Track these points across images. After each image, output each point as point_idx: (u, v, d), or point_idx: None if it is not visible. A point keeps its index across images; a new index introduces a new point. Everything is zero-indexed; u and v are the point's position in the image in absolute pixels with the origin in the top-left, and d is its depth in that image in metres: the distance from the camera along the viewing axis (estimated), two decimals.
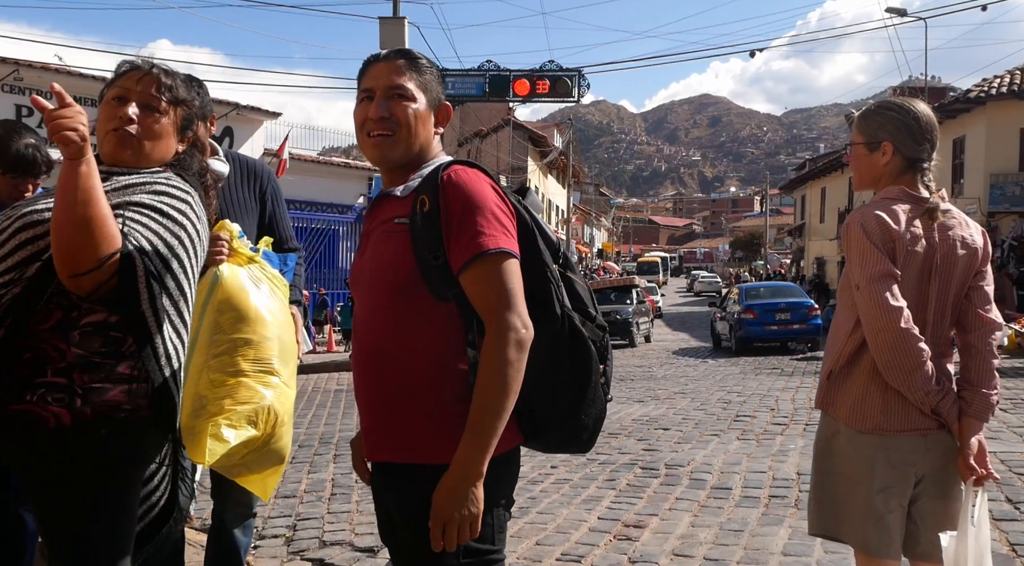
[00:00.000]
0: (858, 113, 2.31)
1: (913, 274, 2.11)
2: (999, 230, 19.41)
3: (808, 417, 7.77)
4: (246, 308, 2.18)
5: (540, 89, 16.50)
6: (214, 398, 2.07)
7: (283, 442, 2.19)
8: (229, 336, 2.13)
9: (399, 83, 1.69)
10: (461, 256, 1.56)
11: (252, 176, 2.80)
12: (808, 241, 38.32)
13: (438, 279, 1.58)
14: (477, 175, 1.65)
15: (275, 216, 2.90)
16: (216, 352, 2.12)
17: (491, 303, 1.55)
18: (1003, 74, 21.30)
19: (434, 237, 1.58)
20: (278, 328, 2.21)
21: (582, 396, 1.67)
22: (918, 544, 2.16)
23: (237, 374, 2.11)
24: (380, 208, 1.74)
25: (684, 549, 3.95)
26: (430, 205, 1.59)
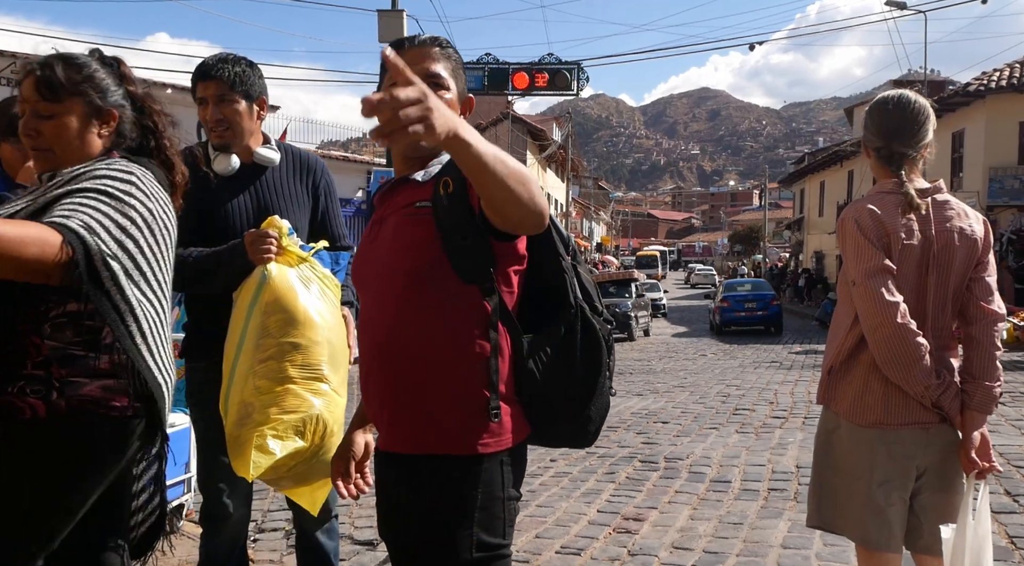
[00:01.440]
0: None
1: (911, 267, 2.10)
2: (998, 223, 19.39)
3: (807, 410, 7.77)
4: (295, 310, 2.07)
5: (539, 82, 16.46)
6: (260, 406, 1.99)
7: (332, 455, 2.07)
8: (276, 340, 2.04)
9: (435, 71, 1.65)
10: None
11: (305, 169, 2.66)
12: (807, 235, 38.31)
13: (466, 261, 1.54)
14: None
15: (328, 212, 2.72)
16: (262, 357, 2.03)
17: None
18: (1002, 67, 21.26)
19: (461, 216, 1.53)
20: (328, 331, 2.09)
21: (592, 387, 1.65)
22: (920, 537, 2.16)
23: (284, 381, 2.02)
24: (396, 194, 1.68)
25: (683, 542, 3.95)
26: (455, 186, 1.54)
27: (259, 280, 2.09)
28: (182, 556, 3.62)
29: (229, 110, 2.40)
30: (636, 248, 79.75)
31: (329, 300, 2.18)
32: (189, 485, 4.01)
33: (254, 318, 2.05)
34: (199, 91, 2.41)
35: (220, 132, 2.41)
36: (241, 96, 2.42)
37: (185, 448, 3.94)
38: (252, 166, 2.51)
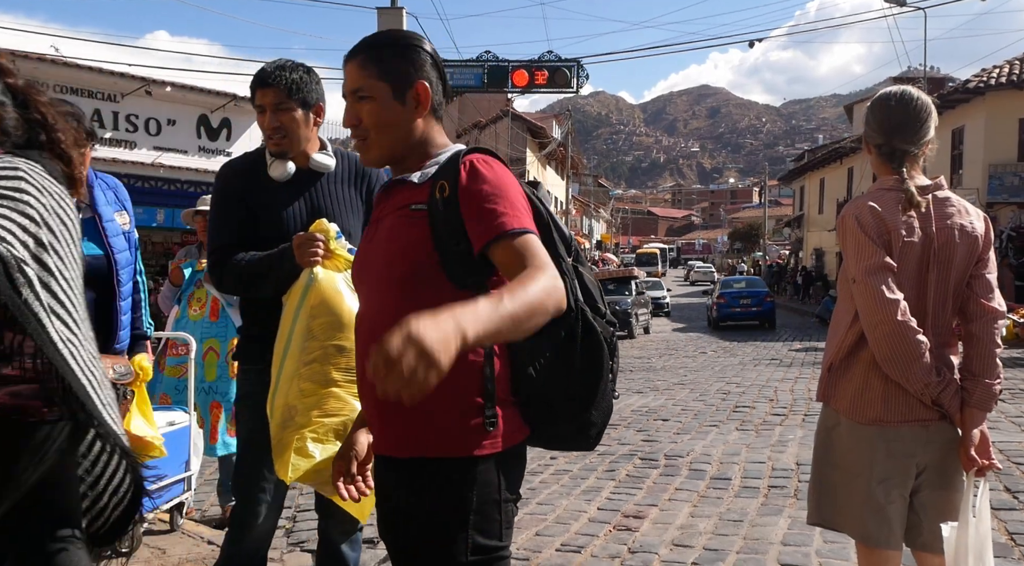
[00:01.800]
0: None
1: (911, 264, 2.10)
2: (998, 220, 19.37)
3: (807, 408, 7.77)
4: (340, 313, 2.05)
5: (538, 80, 16.45)
6: (303, 409, 1.97)
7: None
8: (321, 342, 2.03)
9: (357, 85, 1.64)
10: (484, 235, 1.52)
11: (360, 175, 2.64)
12: (807, 232, 38.30)
13: (459, 265, 1.54)
14: (497, 163, 1.63)
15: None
16: (307, 359, 2.02)
17: (531, 262, 1.48)
18: (1002, 64, 21.23)
19: (455, 222, 1.54)
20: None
21: (594, 391, 1.62)
22: (920, 534, 2.16)
23: (328, 384, 2.00)
24: (392, 195, 1.68)
25: (684, 539, 3.96)
26: (450, 191, 1.55)
27: (305, 283, 2.10)
28: (182, 554, 3.62)
29: (286, 118, 2.42)
30: (636, 246, 79.70)
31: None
32: (189, 483, 4.01)
33: (300, 321, 2.05)
34: (257, 98, 2.43)
35: (277, 139, 2.43)
36: (298, 104, 2.43)
37: (185, 446, 3.94)
38: (308, 172, 2.51)
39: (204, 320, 4.35)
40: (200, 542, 3.78)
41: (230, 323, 4.35)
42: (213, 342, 4.34)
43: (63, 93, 16.22)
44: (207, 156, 17.47)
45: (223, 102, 17.67)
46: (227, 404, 4.33)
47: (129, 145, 17.04)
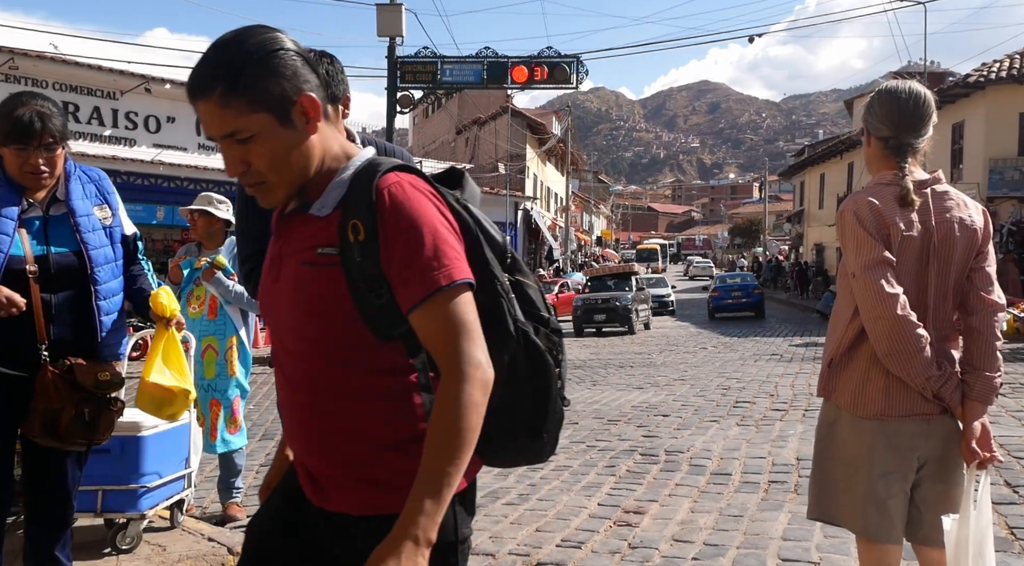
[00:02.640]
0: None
1: (911, 258, 2.09)
2: (998, 215, 19.36)
3: (807, 403, 7.77)
4: None
5: (538, 76, 16.44)
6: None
7: None
8: None
9: (230, 129, 1.34)
10: (412, 294, 1.33)
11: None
12: (807, 227, 38.28)
13: (381, 318, 1.36)
14: (415, 187, 1.38)
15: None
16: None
17: (449, 342, 1.32)
18: (1002, 59, 21.19)
19: (374, 271, 1.34)
20: None
21: (544, 414, 1.49)
22: (920, 528, 2.16)
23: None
24: (292, 228, 1.45)
25: (684, 535, 3.96)
26: (365, 233, 1.34)
27: None
28: (182, 551, 3.62)
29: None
30: (636, 241, 79.75)
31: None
32: (189, 480, 4.00)
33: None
34: None
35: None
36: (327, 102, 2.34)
37: (185, 443, 3.94)
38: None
39: (203, 318, 4.35)
40: (200, 539, 3.78)
41: (229, 321, 4.35)
42: (212, 340, 4.34)
43: (63, 91, 16.22)
44: (207, 153, 17.45)
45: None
46: (226, 402, 4.34)
47: (129, 142, 17.03)
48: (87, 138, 16.73)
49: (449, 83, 17.31)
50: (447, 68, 16.86)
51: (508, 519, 4.35)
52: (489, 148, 37.71)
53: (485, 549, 3.84)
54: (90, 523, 3.73)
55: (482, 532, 4.11)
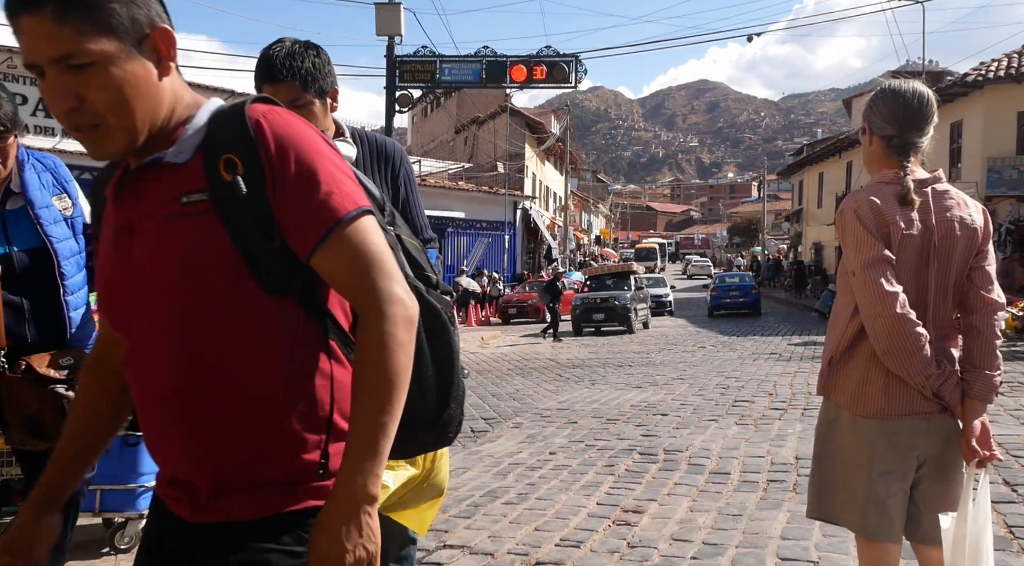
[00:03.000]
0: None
1: (911, 257, 2.09)
2: (996, 214, 19.37)
3: (806, 402, 7.78)
4: None
5: (537, 75, 16.43)
6: None
7: (442, 475, 1.91)
8: None
9: (62, 51, 1.09)
10: (313, 230, 1.16)
11: (383, 158, 2.36)
12: (806, 226, 38.29)
13: (274, 267, 1.17)
14: (291, 113, 1.24)
15: (408, 203, 2.41)
16: None
17: (362, 280, 1.17)
18: (1000, 58, 21.21)
19: (263, 208, 1.15)
20: None
21: (450, 382, 1.38)
22: (920, 527, 2.16)
23: None
24: (142, 187, 1.20)
25: (683, 534, 3.96)
26: (246, 167, 1.15)
27: None
28: None
29: (304, 115, 2.05)
30: (635, 241, 79.80)
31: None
32: None
33: None
34: (266, 94, 2.20)
35: None
36: (315, 95, 2.13)
37: None
38: None
39: None
40: None
41: None
42: None
43: None
44: None
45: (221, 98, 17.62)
46: None
47: None
48: None
49: (448, 82, 17.30)
50: (446, 67, 16.85)
51: (507, 518, 4.35)
52: (488, 147, 37.69)
53: (484, 548, 3.84)
54: (89, 522, 3.73)
55: (481, 531, 4.11)
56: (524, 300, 24.89)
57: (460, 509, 4.57)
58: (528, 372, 12.11)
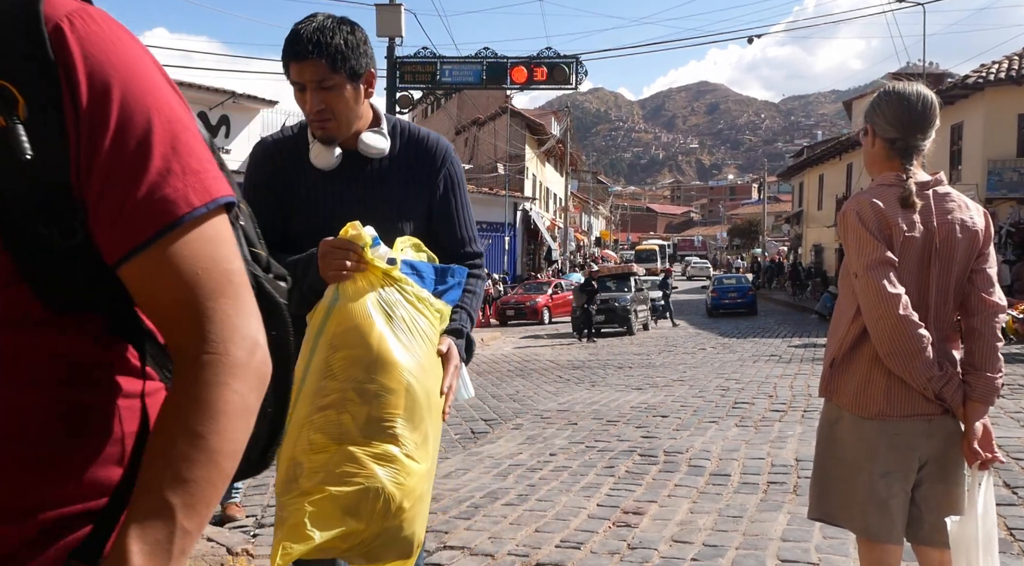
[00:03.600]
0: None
1: (913, 259, 2.10)
2: (997, 216, 19.38)
3: (806, 404, 7.77)
4: (368, 346, 1.59)
5: (537, 76, 16.45)
6: (309, 470, 1.53)
7: (410, 531, 1.60)
8: (340, 383, 1.58)
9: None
10: (133, 227, 0.76)
11: (424, 155, 2.09)
12: (806, 228, 38.30)
13: (65, 273, 0.78)
14: (118, 24, 0.81)
15: (449, 209, 2.12)
16: (322, 403, 1.58)
17: (200, 307, 0.78)
18: (1001, 60, 21.22)
19: (56, 180, 0.74)
20: (413, 376, 1.62)
21: (281, 420, 0.99)
22: (921, 528, 2.16)
23: (343, 438, 1.55)
24: None
25: (683, 535, 3.95)
26: (29, 106, 0.72)
27: (329, 304, 1.65)
28: None
29: (332, 98, 1.89)
30: (635, 242, 79.89)
31: (421, 334, 1.68)
32: None
33: (318, 353, 1.61)
34: (292, 74, 1.89)
35: (322, 123, 1.93)
36: (346, 76, 1.89)
37: None
38: (357, 155, 2.01)
39: None
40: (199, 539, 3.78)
41: None
42: None
43: None
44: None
45: (221, 99, 17.67)
46: None
47: None
48: None
49: (448, 83, 17.32)
50: (446, 68, 16.87)
51: (507, 519, 4.34)
52: (488, 148, 37.70)
53: (484, 549, 3.84)
54: None
55: (481, 532, 4.11)
56: (522, 302, 24.87)
57: (460, 510, 4.57)
58: (528, 373, 12.11)
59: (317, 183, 2.01)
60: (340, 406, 1.57)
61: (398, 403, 1.59)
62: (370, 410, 1.57)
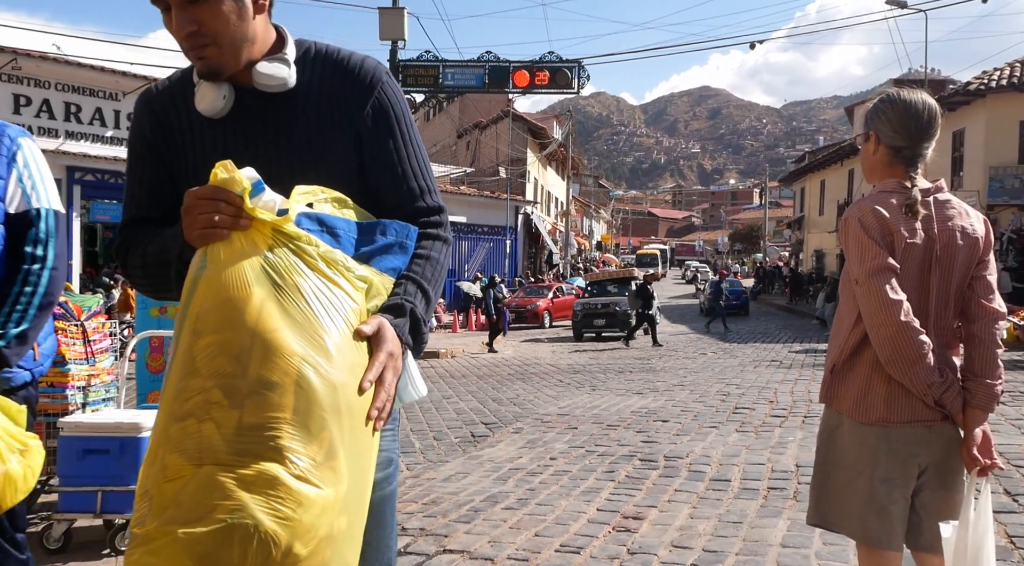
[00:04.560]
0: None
1: (913, 266, 2.10)
2: (998, 223, 19.38)
3: (807, 409, 7.77)
4: (238, 327, 1.16)
5: (539, 80, 16.49)
6: (158, 506, 1.11)
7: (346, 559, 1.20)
8: (202, 381, 1.15)
9: None
10: None
11: (345, 84, 1.54)
12: (807, 234, 38.28)
13: None
14: None
15: (387, 153, 1.56)
16: (181, 411, 1.15)
17: None
18: (1003, 66, 21.23)
19: None
20: (310, 365, 1.17)
21: None
22: (921, 535, 2.16)
23: (203, 457, 1.11)
24: None
25: (683, 540, 3.95)
26: None
27: (194, 275, 1.23)
28: None
29: (204, 13, 1.40)
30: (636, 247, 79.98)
31: (329, 309, 1.23)
32: None
33: (180, 343, 1.20)
34: None
35: (198, 51, 1.43)
36: None
37: None
38: (255, 93, 1.50)
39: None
40: None
41: None
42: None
43: (65, 91, 16.29)
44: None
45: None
46: None
47: None
48: (89, 139, 16.77)
49: (451, 87, 17.36)
50: (449, 72, 16.90)
51: (507, 524, 4.34)
52: (490, 152, 37.72)
53: (484, 554, 3.84)
54: (90, 524, 3.73)
55: (481, 536, 4.11)
56: (523, 305, 24.87)
57: (460, 514, 4.57)
58: (529, 377, 12.10)
59: (206, 135, 1.53)
60: (202, 412, 1.14)
61: (283, 403, 1.14)
62: (241, 415, 1.13)
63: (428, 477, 5.60)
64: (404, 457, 6.37)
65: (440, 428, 7.70)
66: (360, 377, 1.25)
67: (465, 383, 11.50)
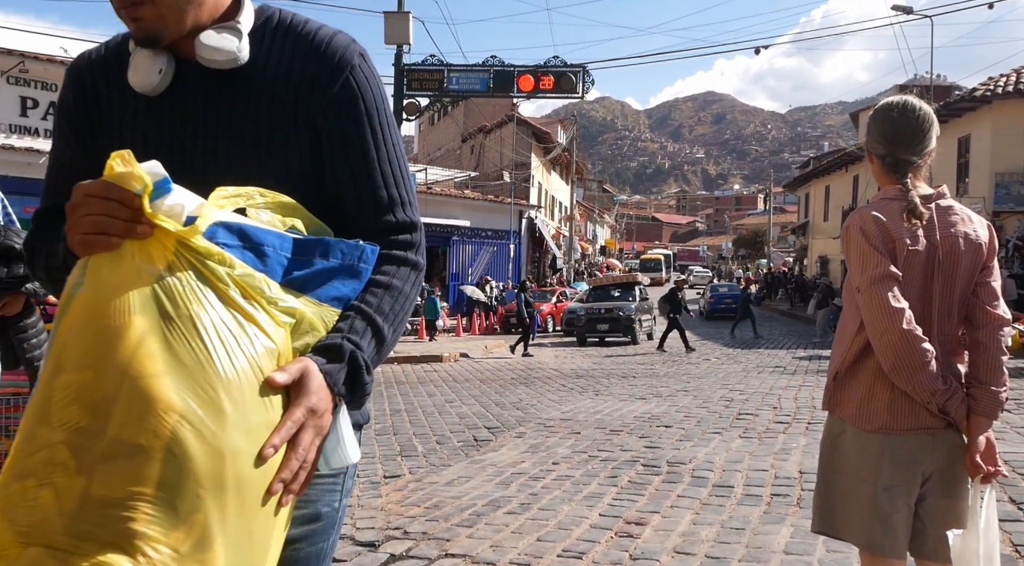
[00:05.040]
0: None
1: (916, 273, 2.09)
2: (1004, 229, 19.33)
3: (810, 416, 7.75)
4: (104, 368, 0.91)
5: (544, 85, 16.51)
6: None
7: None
8: (50, 432, 0.90)
9: None
10: None
11: (308, 63, 1.25)
12: (811, 239, 38.23)
13: None
14: None
15: (352, 151, 1.26)
16: (22, 467, 0.90)
17: None
18: (1009, 73, 21.18)
19: None
20: (191, 425, 0.91)
21: None
22: (925, 543, 2.15)
23: (32, 534, 0.87)
24: None
25: (685, 547, 3.94)
26: None
27: (68, 294, 0.98)
28: None
29: None
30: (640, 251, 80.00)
31: (234, 352, 0.96)
32: None
33: (43, 375, 0.95)
34: None
35: (132, 10, 1.17)
36: None
37: None
38: (197, 68, 1.23)
39: None
40: None
41: None
42: None
43: None
44: None
45: None
46: None
47: None
48: None
49: (455, 91, 17.39)
50: (453, 76, 16.93)
51: (509, 528, 4.33)
52: (494, 156, 37.76)
53: (486, 558, 3.83)
54: None
55: (483, 541, 4.10)
56: None
57: (462, 518, 4.56)
58: (531, 382, 12.09)
59: (139, 116, 1.26)
60: (44, 473, 0.88)
61: (145, 474, 0.87)
62: (89, 485, 0.87)
63: (430, 481, 5.59)
64: (406, 461, 6.36)
65: (443, 432, 7.69)
66: (262, 441, 0.96)
67: (468, 387, 11.49)
